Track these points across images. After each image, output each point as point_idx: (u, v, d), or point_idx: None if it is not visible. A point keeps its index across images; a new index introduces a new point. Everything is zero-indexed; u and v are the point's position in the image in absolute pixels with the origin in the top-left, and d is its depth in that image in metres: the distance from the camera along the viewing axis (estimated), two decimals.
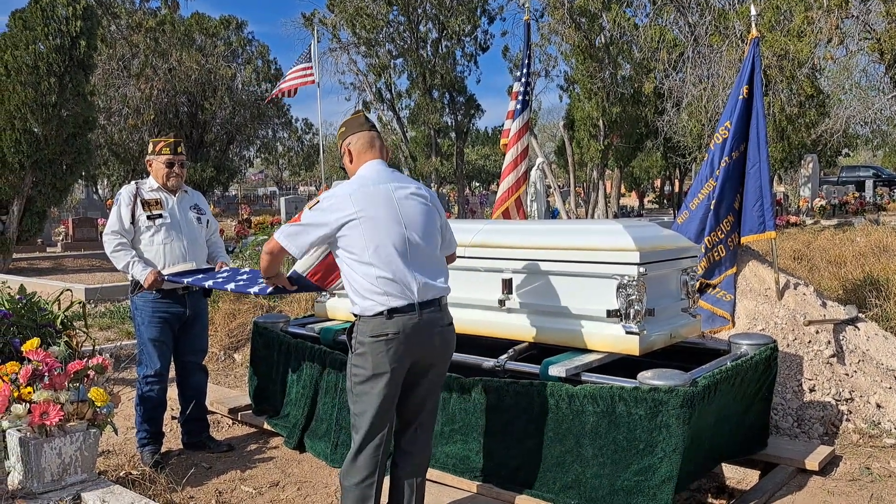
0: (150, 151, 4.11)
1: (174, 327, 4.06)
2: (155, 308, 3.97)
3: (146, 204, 4.00)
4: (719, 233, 4.89)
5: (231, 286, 3.69)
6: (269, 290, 3.38)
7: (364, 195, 2.89)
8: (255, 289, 3.54)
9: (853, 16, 10.67)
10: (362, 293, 2.86)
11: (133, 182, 4.11)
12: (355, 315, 2.92)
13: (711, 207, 4.88)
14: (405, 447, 3.05)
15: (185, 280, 3.88)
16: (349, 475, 2.90)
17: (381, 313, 2.82)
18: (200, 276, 3.92)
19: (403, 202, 2.93)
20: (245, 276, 3.78)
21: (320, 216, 2.88)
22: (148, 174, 4.16)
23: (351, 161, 3.07)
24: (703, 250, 4.85)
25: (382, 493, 2.98)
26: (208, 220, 4.26)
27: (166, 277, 3.90)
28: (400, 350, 2.84)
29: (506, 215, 6.49)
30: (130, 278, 4.02)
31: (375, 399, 2.85)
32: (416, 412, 3.04)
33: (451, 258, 3.23)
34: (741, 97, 4.86)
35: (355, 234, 2.85)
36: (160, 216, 4.00)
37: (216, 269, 4.06)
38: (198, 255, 4.12)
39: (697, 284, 4.77)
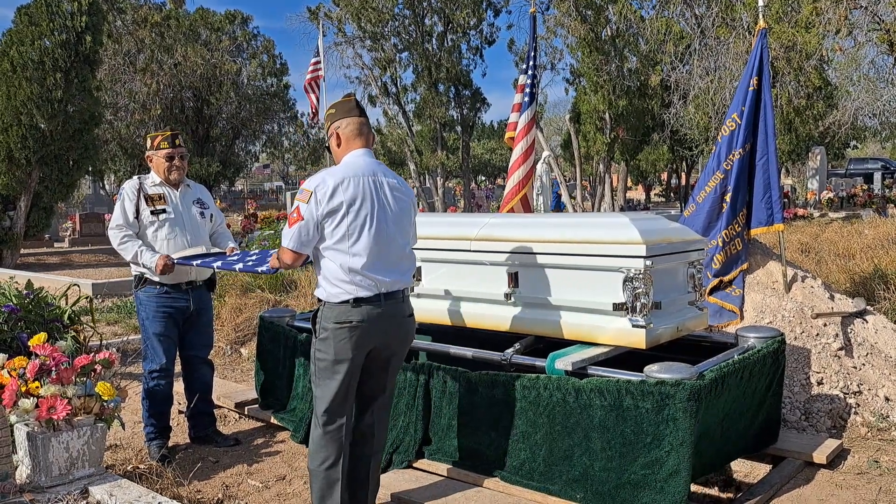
0: (148, 147, 4.10)
1: (178, 322, 4.06)
2: (159, 303, 3.97)
3: (149, 199, 3.99)
4: (736, 226, 4.87)
5: (239, 266, 3.67)
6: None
7: (353, 186, 2.95)
8: (263, 268, 3.53)
9: (861, 6, 10.58)
10: (332, 280, 2.95)
11: (136, 177, 4.10)
12: (320, 299, 3.01)
13: (727, 200, 4.85)
14: (364, 429, 3.15)
15: (195, 262, 3.85)
16: (314, 457, 3.02)
17: (346, 301, 2.92)
18: (210, 258, 3.89)
19: (387, 197, 3.02)
20: (254, 257, 3.75)
21: (315, 207, 2.92)
22: (149, 170, 4.15)
23: (339, 145, 3.11)
24: (721, 243, 4.82)
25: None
26: (212, 215, 4.25)
27: (176, 261, 3.89)
28: (362, 338, 2.94)
29: (513, 211, 6.47)
30: (134, 273, 4.02)
31: (336, 384, 2.96)
32: (375, 396, 3.15)
33: None
34: (751, 88, 4.83)
35: (340, 223, 2.92)
36: (164, 211, 3.99)
37: (227, 254, 4.03)
38: (202, 247, 4.11)
39: (716, 282, 4.75)
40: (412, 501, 3.38)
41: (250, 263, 3.64)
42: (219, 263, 3.79)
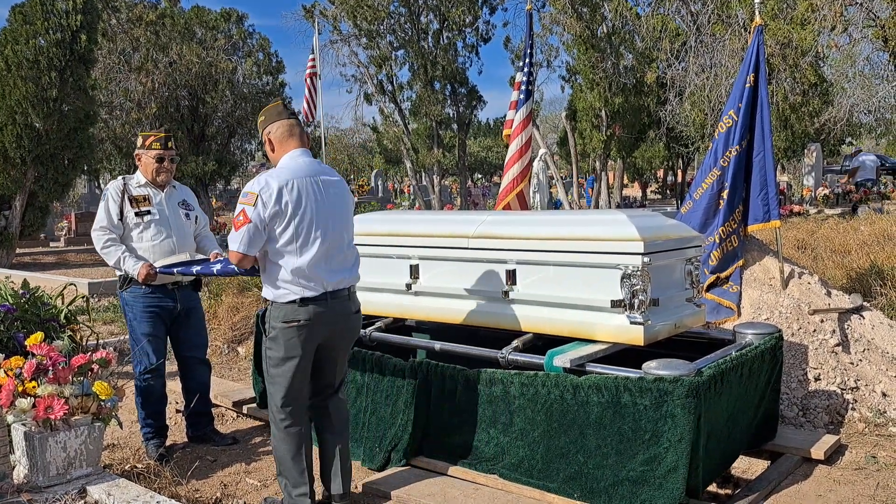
0: (139, 145, 4.07)
1: (166, 321, 4.04)
2: (145, 303, 3.95)
3: (134, 200, 3.96)
4: (732, 222, 4.87)
5: (217, 268, 3.66)
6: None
7: (297, 188, 3.03)
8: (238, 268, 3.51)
9: (857, 3, 10.59)
10: (277, 282, 3.05)
11: (120, 178, 4.07)
12: (266, 300, 3.12)
13: (724, 197, 4.85)
14: (321, 411, 3.30)
15: (175, 270, 3.84)
16: (277, 447, 3.17)
17: (293, 301, 3.02)
18: (192, 265, 3.86)
19: (328, 196, 3.10)
20: None
21: (262, 209, 2.98)
22: (136, 169, 4.12)
23: (273, 150, 3.19)
24: (718, 240, 4.83)
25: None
26: (197, 216, 4.22)
27: (158, 270, 3.87)
28: (310, 335, 3.06)
29: (509, 208, 6.47)
30: (119, 274, 4.00)
31: (288, 380, 3.09)
32: (327, 387, 3.32)
33: None
34: (748, 85, 4.83)
35: (287, 226, 3.00)
36: (148, 212, 3.97)
37: (211, 260, 4.01)
38: (187, 250, 4.08)
39: (713, 279, 4.76)
40: (411, 499, 3.38)
41: (231, 268, 3.62)
42: (198, 268, 3.78)
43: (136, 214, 3.94)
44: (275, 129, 3.18)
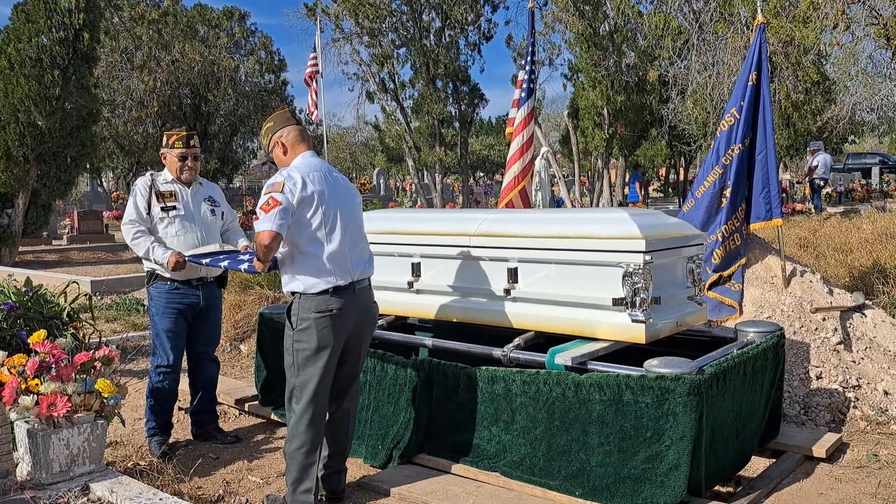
0: (163, 144, 4.11)
1: (188, 318, 4.07)
2: (169, 299, 3.98)
3: (160, 196, 4.01)
4: (735, 221, 4.87)
5: (244, 266, 3.67)
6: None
7: (317, 179, 3.12)
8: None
9: (859, 0, 10.57)
10: (308, 271, 3.09)
11: (148, 173, 4.12)
12: (294, 292, 3.13)
13: (727, 195, 4.85)
14: (342, 414, 3.35)
15: (204, 262, 3.85)
16: (293, 441, 3.15)
17: (325, 291, 3.07)
18: (221, 257, 3.86)
19: (343, 191, 3.22)
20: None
21: (290, 195, 3.05)
22: (162, 166, 4.15)
23: (284, 153, 3.27)
24: (721, 238, 4.83)
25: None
26: (223, 212, 4.25)
27: (187, 258, 3.89)
28: (342, 324, 3.11)
29: (510, 206, 6.47)
30: (146, 269, 4.03)
31: (319, 371, 3.11)
32: (351, 382, 3.37)
33: None
34: (750, 83, 4.82)
35: (315, 212, 3.07)
36: (174, 208, 4.01)
37: (241, 251, 3.99)
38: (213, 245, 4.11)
39: (716, 277, 4.76)
40: (413, 496, 3.39)
41: (254, 267, 3.61)
42: (226, 263, 3.78)
43: (162, 209, 3.99)
44: (286, 133, 3.26)
